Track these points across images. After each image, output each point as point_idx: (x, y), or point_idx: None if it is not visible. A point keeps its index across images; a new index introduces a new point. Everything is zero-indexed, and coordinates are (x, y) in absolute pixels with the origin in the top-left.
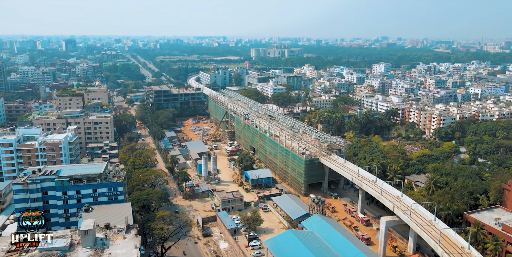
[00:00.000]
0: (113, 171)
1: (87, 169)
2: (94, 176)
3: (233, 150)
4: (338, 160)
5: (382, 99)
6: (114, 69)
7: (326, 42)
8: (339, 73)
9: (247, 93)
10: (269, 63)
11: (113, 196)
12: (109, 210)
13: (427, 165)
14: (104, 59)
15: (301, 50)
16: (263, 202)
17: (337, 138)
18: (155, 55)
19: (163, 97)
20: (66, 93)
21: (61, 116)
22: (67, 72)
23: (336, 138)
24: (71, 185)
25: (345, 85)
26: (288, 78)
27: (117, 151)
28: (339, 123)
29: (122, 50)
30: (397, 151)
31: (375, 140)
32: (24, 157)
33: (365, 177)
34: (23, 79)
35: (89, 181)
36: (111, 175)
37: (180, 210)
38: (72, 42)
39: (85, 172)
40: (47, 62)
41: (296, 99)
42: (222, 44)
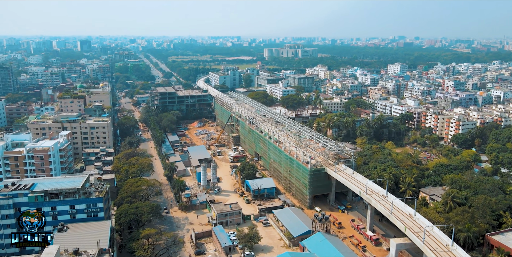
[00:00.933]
0: (94, 184)
1: (65, 183)
2: (72, 190)
3: (236, 156)
4: (346, 171)
5: (397, 102)
6: (124, 70)
7: (341, 42)
8: (352, 74)
9: (255, 96)
10: (282, 64)
11: (92, 212)
12: (86, 229)
13: (444, 176)
14: (116, 59)
15: (315, 50)
16: (264, 215)
17: (347, 144)
18: (168, 55)
19: (168, 99)
20: (68, 96)
21: (57, 120)
22: (77, 73)
23: (346, 144)
24: (46, 201)
25: (358, 87)
26: (299, 79)
27: (113, 158)
28: (349, 128)
29: (136, 50)
30: (411, 160)
31: (388, 146)
32: (11, 165)
33: (375, 190)
34: (32, 80)
35: (66, 196)
36: (92, 189)
37: (174, 223)
38: (87, 43)
39: (62, 186)
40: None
41: (306, 102)
42: (235, 44)
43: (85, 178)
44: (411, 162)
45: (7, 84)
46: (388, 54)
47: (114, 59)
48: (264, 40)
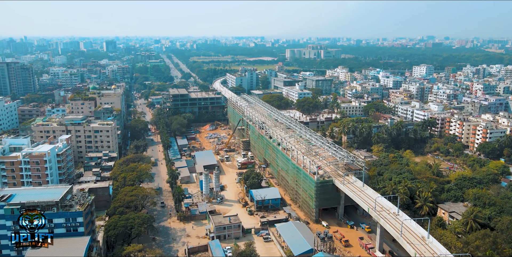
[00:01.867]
0: (76, 196)
1: (45, 194)
2: (50, 203)
3: (244, 162)
4: (355, 183)
5: (419, 107)
6: (144, 71)
7: (366, 42)
8: (374, 76)
9: (269, 98)
10: (303, 65)
11: (72, 227)
12: (61, 246)
13: (467, 190)
14: (138, 60)
15: (338, 51)
16: (265, 229)
17: (362, 151)
18: (190, 56)
19: (181, 101)
20: (79, 97)
21: (61, 123)
22: (97, 74)
23: (361, 152)
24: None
25: (379, 89)
26: (317, 81)
27: (114, 163)
28: (365, 134)
29: (159, 50)
30: (430, 171)
31: (406, 155)
32: (7, 170)
33: (385, 207)
34: (52, 80)
35: (45, 209)
36: (74, 201)
37: (170, 235)
38: (112, 43)
39: (41, 198)
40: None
41: (323, 105)
42: (258, 45)
43: (67, 190)
44: (430, 173)
45: (28, 85)
46: (415, 55)
47: (136, 59)
48: (287, 41)
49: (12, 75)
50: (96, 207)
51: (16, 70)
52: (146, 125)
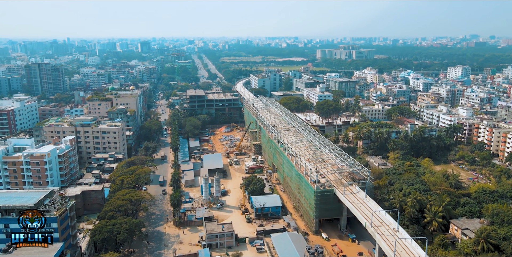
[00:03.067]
0: (56, 201)
1: (22, 199)
2: (25, 208)
3: (252, 167)
4: (358, 194)
5: (446, 111)
6: (172, 71)
7: (404, 42)
8: (404, 77)
9: (287, 100)
10: (333, 65)
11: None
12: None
13: (486, 205)
14: (168, 60)
15: (371, 51)
16: (261, 239)
17: (377, 158)
18: (221, 56)
19: (197, 102)
20: (96, 98)
21: (72, 124)
22: (125, 74)
23: (375, 159)
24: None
25: (406, 92)
26: (340, 83)
27: (116, 165)
28: (382, 140)
29: (192, 51)
30: (448, 182)
31: (425, 163)
32: (9, 170)
33: (385, 222)
34: (82, 80)
35: (20, 213)
36: (52, 206)
37: (163, 241)
38: (147, 44)
39: (17, 202)
40: (112, 64)
41: (344, 108)
42: (290, 45)
43: (45, 194)
44: (447, 184)
45: (58, 85)
46: (453, 55)
47: (166, 60)
48: (321, 41)
49: (43, 75)
50: (89, 210)
51: (47, 71)
52: (160, 126)
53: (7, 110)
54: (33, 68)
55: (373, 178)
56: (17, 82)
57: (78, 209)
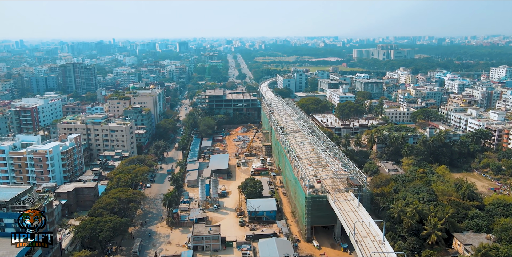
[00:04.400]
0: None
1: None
2: (0, 203)
3: (258, 168)
4: (351, 201)
5: (476, 115)
6: (202, 71)
7: (450, 41)
8: (440, 78)
9: (306, 101)
10: (367, 65)
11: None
12: None
13: (498, 219)
14: (201, 60)
15: (412, 50)
16: (249, 243)
17: (389, 164)
18: (256, 56)
19: (215, 102)
20: (115, 97)
21: (84, 121)
22: (156, 73)
23: (386, 165)
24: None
25: (437, 94)
26: (366, 84)
27: (119, 163)
28: (398, 145)
29: (228, 51)
30: (460, 192)
31: (439, 171)
32: (15, 165)
33: (373, 233)
34: (114, 79)
35: (21, 213)
36: (30, 202)
37: (152, 240)
38: (184, 44)
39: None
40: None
41: (367, 110)
42: (328, 45)
43: (23, 190)
44: (459, 195)
45: (90, 83)
46: (504, 54)
47: (199, 60)
48: (361, 40)
49: (77, 74)
50: (82, 207)
51: (80, 70)
52: (174, 125)
53: (31, 107)
54: (68, 68)
55: (380, 184)
56: (53, 81)
57: (70, 205)
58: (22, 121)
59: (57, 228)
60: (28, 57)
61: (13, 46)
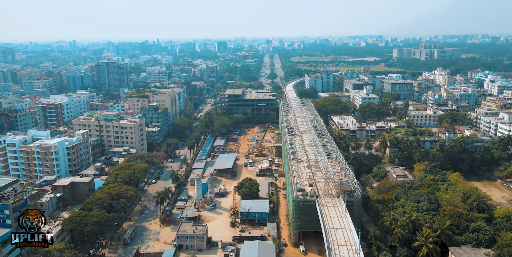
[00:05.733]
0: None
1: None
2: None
3: (263, 169)
4: (339, 207)
5: (509, 119)
6: (234, 70)
7: (506, 40)
8: (480, 79)
9: (325, 102)
10: (406, 66)
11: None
12: None
13: (505, 233)
14: (235, 59)
15: (458, 50)
16: (233, 245)
17: (399, 169)
18: (292, 56)
19: (234, 101)
20: (135, 95)
21: (97, 118)
22: (187, 73)
23: (396, 170)
24: None
25: (471, 96)
26: (393, 85)
27: (122, 159)
28: (412, 149)
29: (267, 51)
30: (468, 203)
31: (452, 178)
32: (24, 158)
33: (351, 241)
34: (146, 78)
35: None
36: (13, 194)
37: (142, 237)
38: (223, 44)
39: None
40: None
41: (390, 112)
42: (369, 44)
43: (9, 182)
44: (466, 205)
45: (122, 81)
46: None
47: (234, 59)
48: (406, 39)
49: (110, 73)
50: (78, 201)
51: (113, 69)
52: (190, 124)
53: (55, 104)
54: (102, 67)
55: (383, 190)
56: (88, 79)
57: (66, 199)
58: (47, 117)
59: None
60: (76, 57)
61: (66, 47)
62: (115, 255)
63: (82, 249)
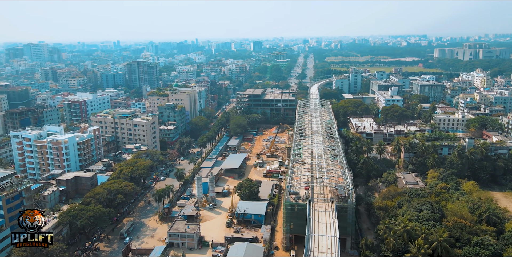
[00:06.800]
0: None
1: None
2: None
3: (271, 170)
4: (330, 213)
5: None
6: (264, 70)
7: None
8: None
9: (345, 103)
10: (446, 66)
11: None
12: None
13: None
14: (267, 59)
15: (507, 50)
16: (223, 245)
17: (411, 175)
18: (327, 56)
19: (253, 101)
20: (155, 93)
21: (113, 116)
22: (216, 72)
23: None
24: None
25: (507, 100)
26: (422, 87)
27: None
28: (428, 154)
29: (303, 50)
30: (476, 214)
31: (466, 187)
32: (38, 152)
33: (333, 249)
34: (176, 77)
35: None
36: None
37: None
38: (258, 44)
39: None
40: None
41: (416, 115)
42: (411, 44)
43: (6, 175)
44: (473, 216)
45: (152, 80)
46: None
47: (266, 59)
48: (453, 39)
49: (141, 72)
50: (81, 195)
51: (143, 68)
52: (207, 123)
53: (80, 101)
54: (133, 66)
55: (388, 197)
56: (120, 78)
57: (69, 192)
58: (72, 113)
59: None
60: (116, 56)
61: (111, 46)
62: (109, 249)
63: (80, 242)
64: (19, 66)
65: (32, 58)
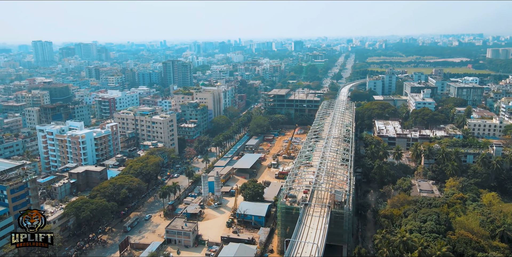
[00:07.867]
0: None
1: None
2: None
3: (284, 172)
4: (324, 218)
5: None
6: (299, 70)
7: None
8: None
9: (371, 105)
10: (497, 67)
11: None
12: None
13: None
14: (305, 59)
15: None
16: (218, 245)
17: (427, 183)
18: (369, 56)
19: (277, 102)
20: (180, 92)
21: (134, 113)
22: (251, 71)
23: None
24: None
25: None
26: (459, 89)
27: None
28: (449, 162)
29: (345, 50)
30: (487, 229)
31: (485, 199)
32: (59, 146)
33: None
34: (210, 76)
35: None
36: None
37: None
38: (299, 43)
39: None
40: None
41: (449, 120)
42: (463, 43)
43: (14, 166)
44: (484, 231)
45: (185, 78)
46: None
47: (304, 59)
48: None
49: (175, 71)
50: (90, 188)
51: (178, 67)
52: (228, 122)
53: (109, 98)
54: (168, 65)
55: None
56: (156, 76)
57: (80, 185)
58: (102, 109)
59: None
60: (159, 55)
61: (157, 46)
62: (111, 241)
63: (85, 233)
64: (69, 64)
65: (82, 57)
